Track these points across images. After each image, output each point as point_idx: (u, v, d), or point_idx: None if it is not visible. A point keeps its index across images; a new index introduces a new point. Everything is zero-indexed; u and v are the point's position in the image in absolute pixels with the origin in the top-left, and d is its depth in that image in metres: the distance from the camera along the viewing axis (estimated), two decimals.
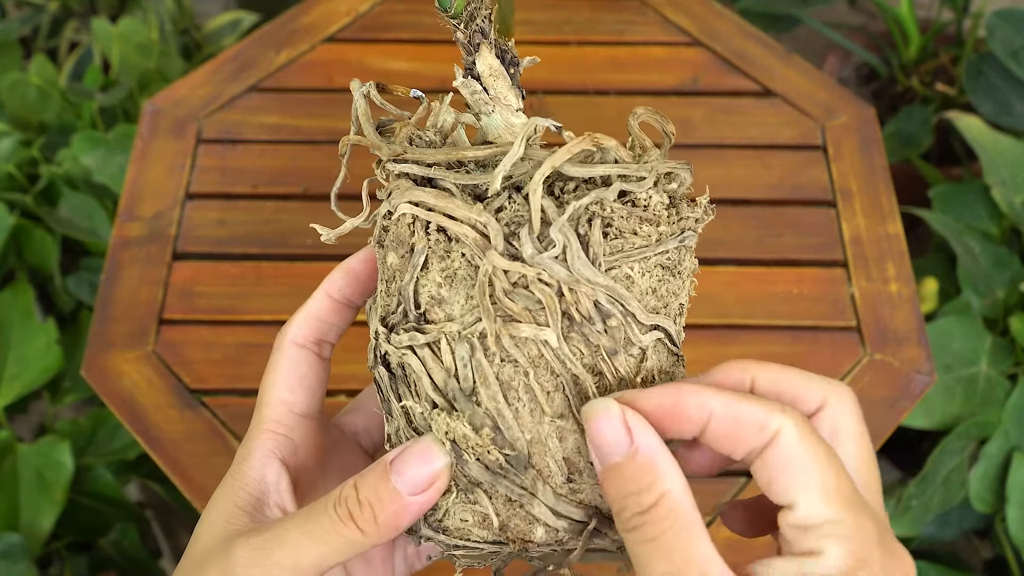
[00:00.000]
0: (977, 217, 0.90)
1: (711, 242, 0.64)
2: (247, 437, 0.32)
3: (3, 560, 0.72)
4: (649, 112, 0.31)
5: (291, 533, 0.28)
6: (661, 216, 0.28)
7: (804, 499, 0.26)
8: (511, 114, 0.30)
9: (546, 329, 0.27)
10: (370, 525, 0.28)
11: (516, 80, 0.31)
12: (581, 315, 0.27)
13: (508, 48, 0.30)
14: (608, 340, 0.27)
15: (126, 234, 0.64)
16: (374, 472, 0.28)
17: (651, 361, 0.28)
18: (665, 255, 0.28)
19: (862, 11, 1.33)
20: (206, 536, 0.30)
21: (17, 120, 0.96)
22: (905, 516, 0.76)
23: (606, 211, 0.27)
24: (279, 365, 0.33)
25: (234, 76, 0.73)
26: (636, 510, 0.26)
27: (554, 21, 0.77)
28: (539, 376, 0.28)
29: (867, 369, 0.58)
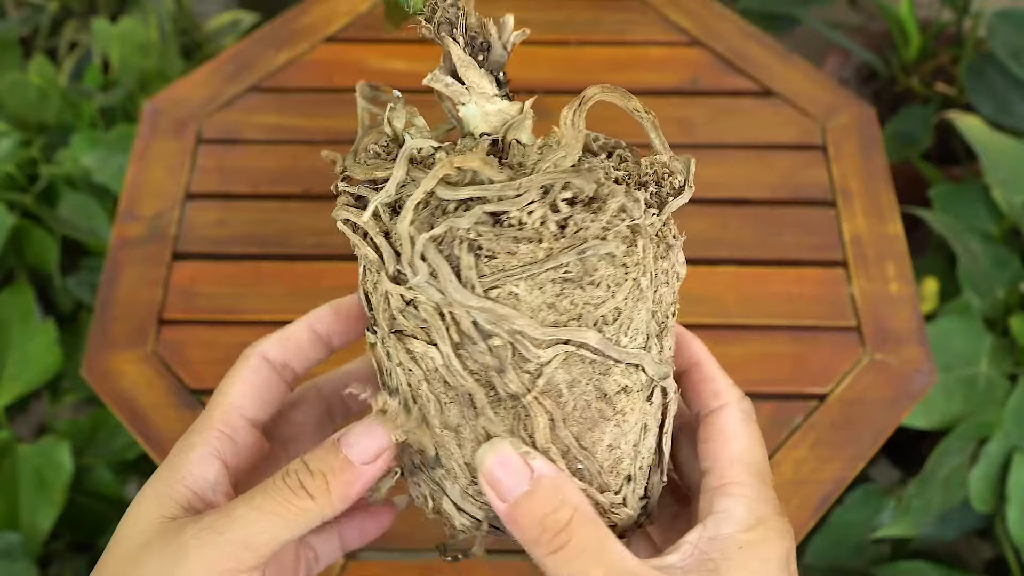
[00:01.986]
0: (977, 217, 0.90)
1: (711, 242, 0.64)
2: (189, 432, 0.32)
3: (3, 560, 0.72)
4: (605, 91, 0.30)
5: (240, 510, 0.28)
6: (543, 233, 0.27)
7: (724, 462, 0.31)
8: (487, 101, 0.30)
9: (432, 347, 0.28)
10: (322, 492, 0.28)
11: (491, 64, 0.30)
12: (463, 335, 0.28)
13: (479, 32, 0.30)
14: (492, 359, 0.28)
15: (126, 234, 0.64)
16: (322, 447, 0.29)
17: (558, 375, 0.28)
18: (561, 269, 0.27)
19: (862, 11, 1.33)
20: (135, 530, 0.29)
21: (17, 120, 0.96)
22: (905, 516, 0.76)
23: (471, 235, 0.27)
24: (240, 371, 0.33)
25: (234, 76, 0.73)
26: (556, 529, 0.27)
27: (554, 21, 0.77)
28: (434, 388, 0.29)
29: (867, 369, 0.58)
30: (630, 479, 0.31)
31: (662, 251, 0.30)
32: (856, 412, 0.57)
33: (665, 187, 0.30)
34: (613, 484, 0.31)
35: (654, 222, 0.29)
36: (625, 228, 0.28)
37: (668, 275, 0.30)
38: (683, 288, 0.63)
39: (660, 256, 0.30)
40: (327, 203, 0.66)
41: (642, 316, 0.29)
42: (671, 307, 0.31)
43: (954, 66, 1.15)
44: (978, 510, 0.76)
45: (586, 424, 0.29)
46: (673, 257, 0.30)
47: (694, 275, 0.63)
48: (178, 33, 1.11)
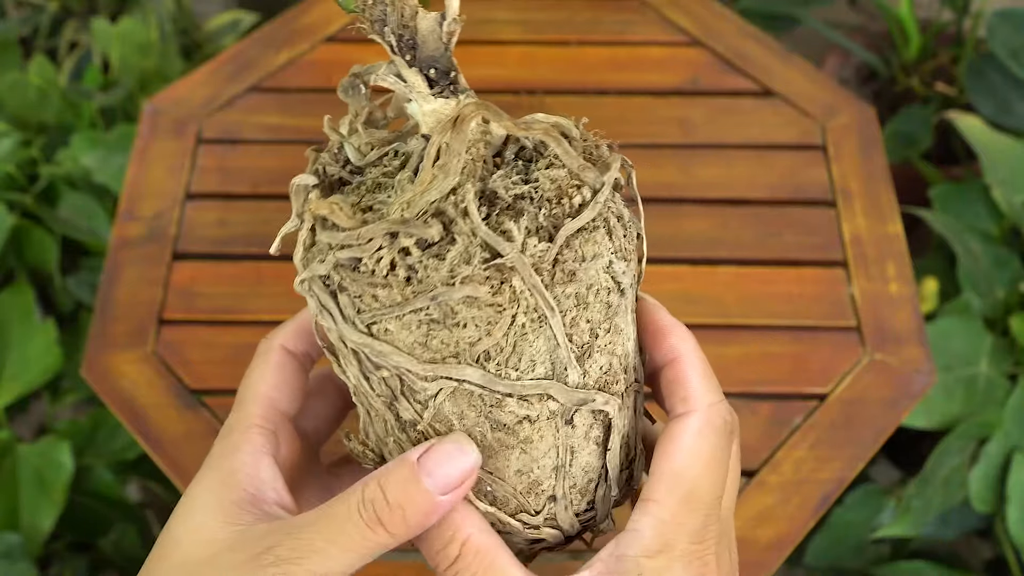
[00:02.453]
0: (977, 217, 0.90)
1: (711, 242, 0.64)
2: (229, 431, 0.31)
3: (3, 560, 0.72)
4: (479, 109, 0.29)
5: (315, 540, 0.27)
6: (391, 281, 0.27)
7: (656, 475, 0.28)
8: (424, 100, 0.29)
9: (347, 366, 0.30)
10: (400, 527, 0.27)
11: (421, 61, 0.29)
12: (362, 363, 0.28)
13: (406, 28, 0.28)
14: (385, 388, 0.28)
15: (126, 234, 0.64)
16: (400, 472, 0.27)
17: (446, 407, 0.28)
18: (421, 312, 0.27)
19: (862, 11, 1.33)
20: (199, 537, 0.28)
21: (17, 120, 0.96)
22: (905, 516, 0.76)
23: (337, 278, 0.28)
24: (267, 364, 0.33)
25: (234, 76, 0.73)
26: (447, 563, 0.28)
27: (554, 21, 0.76)
28: (361, 401, 0.31)
29: (867, 369, 0.58)
30: (555, 499, 0.31)
31: (564, 277, 0.27)
32: (856, 412, 0.57)
33: (565, 206, 0.28)
34: (533, 505, 0.31)
35: (542, 251, 0.27)
36: (479, 271, 0.26)
37: (586, 296, 0.28)
38: (683, 288, 0.63)
39: (563, 282, 0.27)
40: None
41: (539, 346, 0.27)
42: (603, 324, 0.29)
43: (954, 66, 1.15)
44: (978, 510, 0.76)
45: (486, 452, 0.29)
46: (588, 277, 0.28)
47: (694, 275, 0.63)
48: (178, 33, 1.11)
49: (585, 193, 0.28)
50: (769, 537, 0.53)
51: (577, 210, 0.28)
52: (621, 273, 0.29)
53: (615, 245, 0.29)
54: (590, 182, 0.28)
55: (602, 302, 0.29)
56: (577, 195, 0.28)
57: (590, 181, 0.28)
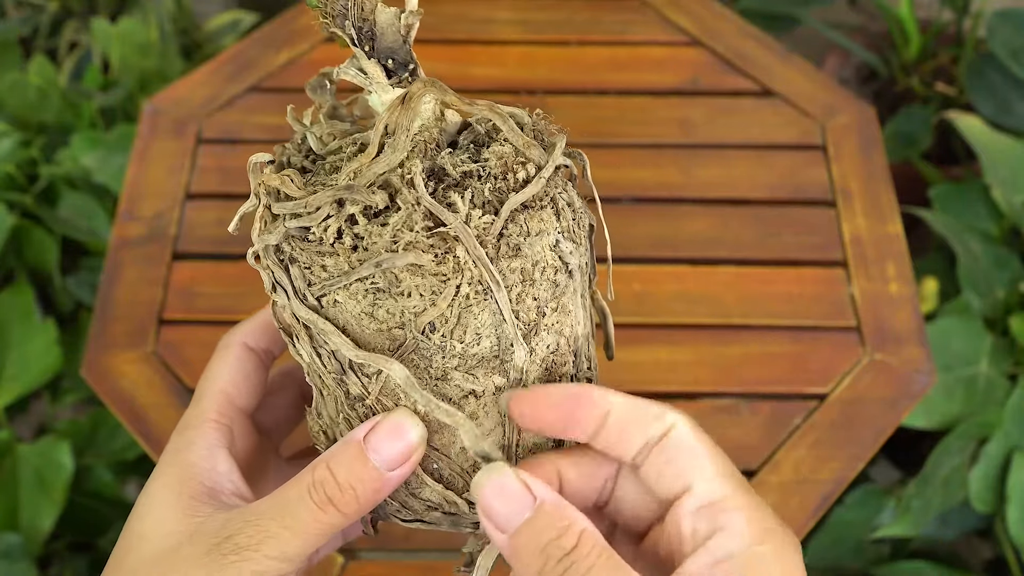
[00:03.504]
0: (977, 217, 0.90)
1: (711, 242, 0.64)
2: (184, 427, 0.32)
3: (3, 560, 0.72)
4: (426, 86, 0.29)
5: (270, 526, 0.28)
6: (338, 248, 0.27)
7: (701, 480, 0.27)
8: (382, 90, 0.30)
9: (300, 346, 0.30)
10: (351, 506, 0.28)
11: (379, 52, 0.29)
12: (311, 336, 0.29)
13: (365, 21, 0.29)
14: (335, 362, 0.29)
15: (126, 234, 0.64)
16: (347, 452, 0.28)
17: (392, 382, 0.28)
18: (367, 281, 0.27)
19: (862, 11, 1.33)
20: (160, 531, 0.29)
21: (17, 120, 0.96)
22: (905, 516, 0.76)
23: (288, 249, 0.28)
24: (225, 360, 0.33)
25: (234, 76, 0.73)
26: (560, 554, 0.25)
27: (554, 21, 0.76)
28: (314, 380, 0.31)
29: (867, 369, 0.58)
30: None
31: (509, 251, 0.28)
32: (856, 412, 0.57)
33: (509, 181, 0.28)
34: None
35: (486, 223, 0.27)
36: (422, 238, 0.27)
37: (531, 273, 0.28)
38: (683, 288, 0.63)
39: (508, 256, 0.28)
40: None
41: (484, 319, 0.28)
42: (550, 303, 0.29)
43: (954, 66, 1.15)
44: (978, 510, 0.76)
45: (431, 428, 0.29)
46: (534, 253, 0.28)
47: (694, 275, 0.63)
48: (178, 33, 1.11)
49: (530, 169, 0.29)
50: None
51: (522, 185, 0.28)
52: (568, 253, 0.29)
53: (563, 225, 0.29)
54: (535, 159, 0.29)
55: (549, 280, 0.29)
56: (522, 171, 0.28)
57: (535, 158, 0.29)
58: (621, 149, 0.69)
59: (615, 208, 0.66)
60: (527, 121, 0.30)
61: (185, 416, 0.33)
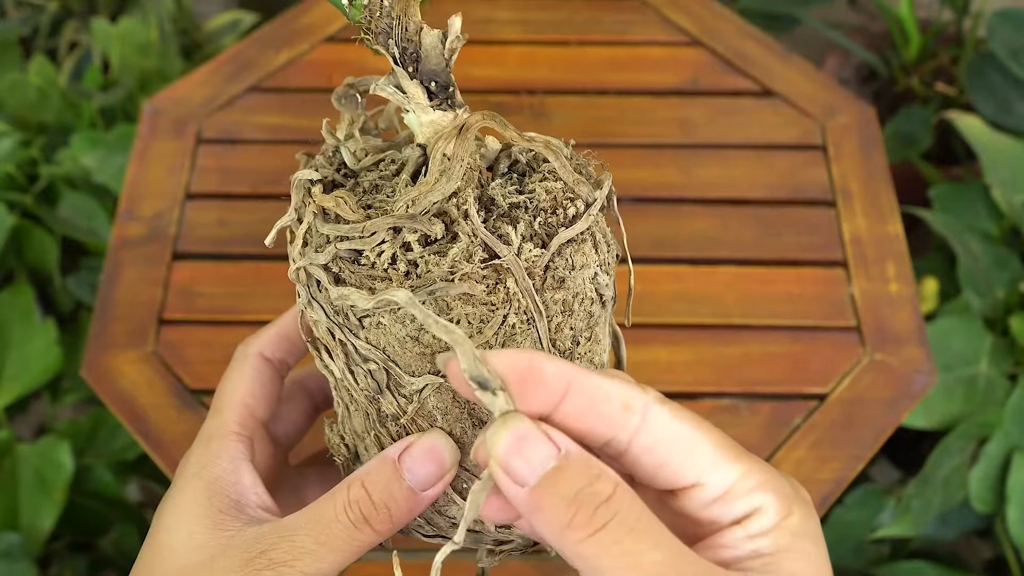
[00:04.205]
0: (977, 217, 0.90)
1: (711, 242, 0.64)
2: (208, 438, 0.32)
3: (3, 560, 0.72)
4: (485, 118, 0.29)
5: (306, 543, 0.28)
6: (391, 274, 0.28)
7: (709, 470, 0.25)
8: (422, 111, 0.30)
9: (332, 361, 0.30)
10: (385, 525, 0.28)
11: (423, 74, 0.30)
12: (348, 355, 0.29)
13: (411, 42, 0.30)
14: (371, 382, 0.29)
15: (126, 234, 0.64)
16: (382, 471, 0.28)
17: (431, 402, 0.29)
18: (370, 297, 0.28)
19: (862, 11, 1.33)
20: (190, 544, 0.29)
21: (17, 120, 0.96)
22: (905, 516, 0.76)
23: (334, 268, 0.29)
24: (243, 372, 0.33)
25: (234, 76, 0.73)
26: (597, 501, 0.23)
27: (554, 21, 0.76)
28: (342, 395, 0.31)
29: (867, 369, 0.58)
30: None
31: (554, 283, 0.29)
32: (856, 412, 0.57)
33: (559, 216, 0.29)
34: None
35: (536, 256, 0.28)
36: (477, 269, 0.27)
37: (571, 304, 0.29)
38: (683, 288, 0.63)
39: (553, 287, 0.29)
40: None
41: (526, 347, 0.28)
42: (584, 332, 0.30)
43: (954, 66, 1.15)
44: (978, 510, 0.76)
45: (465, 448, 0.29)
46: (576, 286, 0.29)
47: (694, 275, 0.63)
48: (178, 33, 1.11)
49: (579, 205, 0.29)
50: None
51: (571, 220, 0.29)
52: (604, 285, 0.30)
53: (600, 258, 0.30)
54: (584, 195, 0.30)
55: (585, 311, 0.30)
56: (571, 207, 0.29)
57: (583, 195, 0.30)
58: (621, 149, 0.69)
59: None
60: (566, 152, 0.31)
61: (206, 427, 0.33)
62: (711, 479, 0.25)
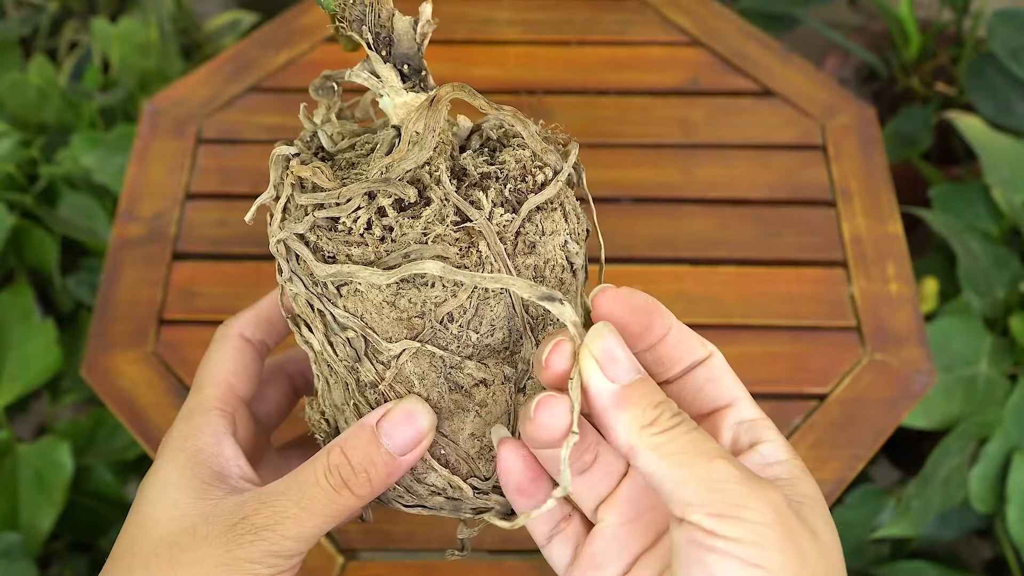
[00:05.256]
0: (977, 217, 0.90)
1: (711, 242, 0.64)
2: (189, 413, 0.33)
3: (3, 560, 0.72)
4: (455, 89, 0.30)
5: (287, 507, 0.29)
6: (367, 238, 0.28)
7: (742, 400, 0.30)
8: (396, 94, 0.31)
9: (312, 335, 0.31)
10: (365, 488, 0.29)
11: (396, 57, 0.31)
12: (327, 325, 0.30)
13: (383, 28, 0.30)
14: (349, 350, 0.30)
15: (126, 234, 0.64)
16: (360, 437, 0.29)
17: (408, 367, 0.30)
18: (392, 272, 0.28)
19: (862, 11, 1.33)
20: (171, 515, 0.30)
21: (17, 120, 0.96)
22: (905, 516, 0.76)
23: (312, 237, 0.29)
24: (225, 351, 0.34)
25: (234, 76, 0.73)
26: (674, 409, 0.27)
27: (554, 21, 0.77)
28: (322, 369, 0.32)
29: (867, 369, 0.58)
30: None
31: (525, 248, 0.30)
32: (856, 412, 0.57)
33: (528, 183, 0.30)
34: (484, 470, 0.32)
35: (507, 221, 0.29)
36: (450, 231, 0.28)
37: (542, 269, 0.30)
38: (683, 288, 0.63)
39: (524, 253, 0.30)
40: None
41: (498, 312, 0.29)
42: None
43: (954, 66, 1.15)
44: (978, 510, 0.76)
45: (443, 413, 0.30)
46: (546, 252, 0.30)
47: (694, 275, 0.63)
48: (178, 33, 1.11)
49: (547, 172, 0.30)
50: None
51: (540, 187, 0.30)
52: (574, 253, 0.31)
53: (570, 227, 0.31)
54: (552, 163, 0.31)
55: (556, 278, 0.31)
56: (540, 174, 0.30)
57: (552, 162, 0.31)
58: (621, 149, 0.69)
59: (615, 208, 0.66)
60: (534, 128, 0.32)
61: (187, 404, 0.33)
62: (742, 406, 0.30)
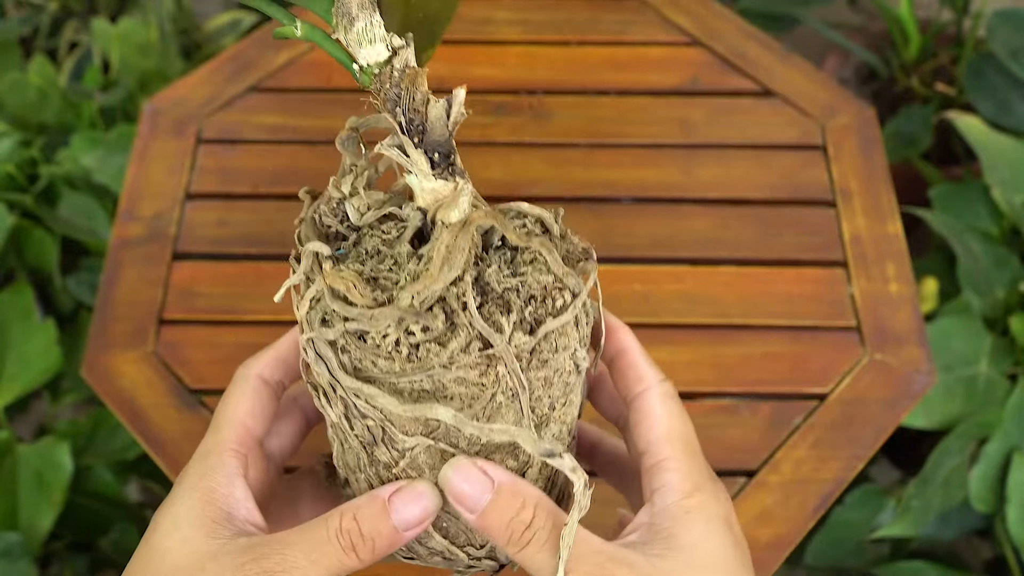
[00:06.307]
0: (977, 217, 0.90)
1: (711, 242, 0.64)
2: (206, 453, 0.35)
3: (3, 560, 0.72)
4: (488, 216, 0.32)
5: (298, 559, 0.31)
6: (395, 356, 0.30)
7: (655, 442, 0.33)
8: (424, 178, 0.32)
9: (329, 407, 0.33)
10: (368, 555, 0.32)
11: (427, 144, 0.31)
12: (346, 407, 0.32)
13: (417, 113, 0.31)
14: (367, 434, 0.32)
15: (126, 234, 0.64)
16: (373, 507, 0.32)
17: (421, 458, 0.32)
18: (416, 384, 0.30)
19: (862, 11, 1.33)
20: (182, 552, 0.32)
21: (17, 120, 0.96)
22: (905, 516, 0.76)
23: (341, 341, 0.31)
24: (244, 392, 0.36)
25: (234, 76, 0.73)
26: (522, 527, 0.31)
27: (554, 21, 0.76)
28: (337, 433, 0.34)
29: (867, 369, 0.58)
30: None
31: (538, 364, 0.31)
32: (856, 412, 0.57)
33: (547, 307, 0.31)
34: (479, 540, 0.34)
35: (525, 343, 0.31)
36: (473, 359, 0.30)
37: (551, 378, 0.32)
38: (683, 288, 0.63)
39: (537, 367, 0.31)
40: None
41: (508, 417, 0.32)
42: (560, 399, 0.33)
43: (954, 66, 1.15)
44: (978, 510, 0.76)
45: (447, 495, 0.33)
46: (557, 363, 0.32)
47: (694, 275, 0.63)
48: (178, 33, 1.11)
49: (566, 296, 0.32)
50: (769, 537, 0.53)
51: (559, 311, 0.32)
52: (582, 359, 0.33)
53: (580, 335, 0.33)
54: (571, 287, 0.32)
55: (563, 382, 0.33)
56: (560, 298, 0.32)
57: (571, 286, 0.32)
58: (621, 149, 0.69)
59: (615, 208, 0.66)
60: (556, 230, 0.34)
61: (205, 442, 0.35)
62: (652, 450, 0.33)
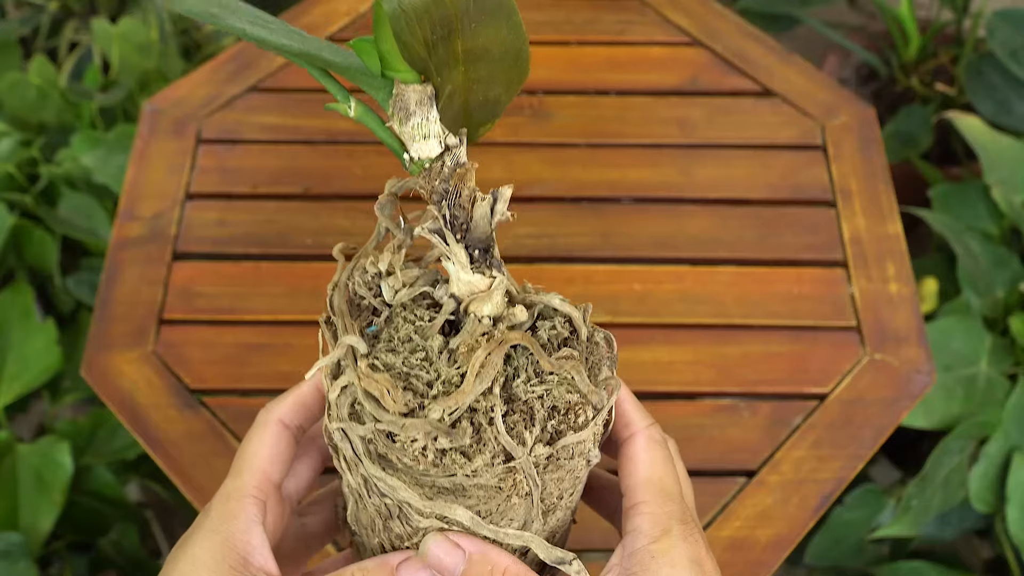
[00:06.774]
0: (977, 217, 0.90)
1: (711, 242, 0.64)
2: (227, 497, 0.36)
3: (3, 560, 0.72)
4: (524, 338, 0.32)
5: None
6: (421, 460, 0.31)
7: (632, 486, 0.34)
8: (463, 270, 0.32)
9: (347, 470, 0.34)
10: None
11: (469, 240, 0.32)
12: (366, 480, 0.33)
13: (462, 210, 0.32)
14: (384, 509, 0.33)
15: (126, 234, 0.64)
16: (381, 573, 0.34)
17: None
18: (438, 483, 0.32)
19: (862, 11, 1.33)
20: None
21: (17, 120, 0.96)
22: (905, 516, 0.76)
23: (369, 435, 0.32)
24: (264, 438, 0.37)
25: (234, 76, 0.73)
26: None
27: (554, 21, 0.77)
28: (353, 494, 0.35)
29: (867, 369, 0.58)
30: None
31: (553, 468, 0.32)
32: (856, 412, 0.57)
33: (569, 421, 0.32)
34: None
35: (544, 455, 0.32)
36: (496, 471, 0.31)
37: (562, 478, 0.33)
38: (683, 288, 0.63)
39: (552, 471, 0.32)
40: (327, 203, 0.66)
41: (520, 511, 0.33)
42: (568, 490, 0.34)
43: (954, 66, 1.15)
44: (978, 510, 0.76)
45: None
46: (571, 465, 0.33)
47: (694, 275, 0.63)
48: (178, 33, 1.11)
49: (588, 412, 0.33)
50: (769, 537, 0.53)
51: (580, 426, 0.32)
52: (594, 456, 0.34)
53: (594, 434, 0.34)
54: (595, 403, 0.33)
55: (574, 477, 0.34)
56: (582, 414, 0.33)
57: (595, 402, 0.33)
58: (621, 149, 0.69)
59: (615, 208, 0.66)
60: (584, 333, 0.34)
61: (226, 485, 0.36)
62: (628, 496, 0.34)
